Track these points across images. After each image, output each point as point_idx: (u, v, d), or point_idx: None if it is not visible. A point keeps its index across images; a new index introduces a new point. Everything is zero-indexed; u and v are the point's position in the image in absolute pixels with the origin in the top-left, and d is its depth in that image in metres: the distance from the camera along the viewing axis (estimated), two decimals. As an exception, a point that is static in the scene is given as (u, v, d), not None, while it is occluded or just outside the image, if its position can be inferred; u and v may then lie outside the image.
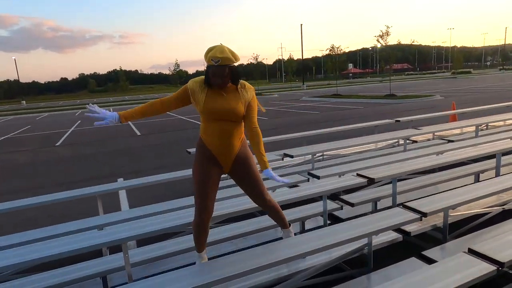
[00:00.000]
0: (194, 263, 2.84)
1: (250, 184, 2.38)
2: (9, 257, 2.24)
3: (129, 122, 17.02)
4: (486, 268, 2.08)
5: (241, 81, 2.27)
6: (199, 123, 2.34)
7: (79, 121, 20.06)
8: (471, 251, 2.26)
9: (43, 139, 13.43)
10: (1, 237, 2.86)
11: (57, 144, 11.93)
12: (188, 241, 2.91)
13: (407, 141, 6.32)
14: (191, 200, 3.38)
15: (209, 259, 2.71)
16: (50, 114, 28.47)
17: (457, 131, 7.27)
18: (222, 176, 2.46)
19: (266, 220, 3.17)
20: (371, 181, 3.34)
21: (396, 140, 6.59)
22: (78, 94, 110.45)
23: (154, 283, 2.01)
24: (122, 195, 5.24)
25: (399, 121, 7.14)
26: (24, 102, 57.64)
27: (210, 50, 2.11)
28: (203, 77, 2.24)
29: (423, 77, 58.34)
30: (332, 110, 16.72)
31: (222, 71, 2.11)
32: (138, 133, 13.28)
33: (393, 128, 8.48)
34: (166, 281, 2.03)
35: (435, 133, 6.64)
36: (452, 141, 5.73)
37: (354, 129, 6.97)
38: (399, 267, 2.61)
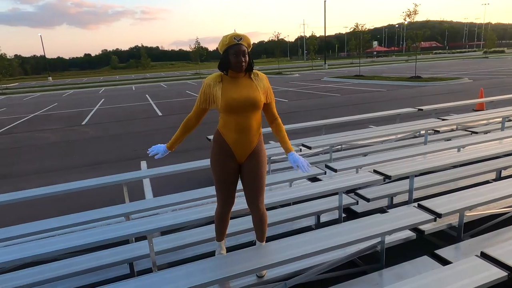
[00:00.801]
0: (213, 251, 3.02)
1: (255, 181, 2.34)
2: (44, 246, 2.45)
3: (152, 103, 17.34)
4: (497, 274, 2.13)
5: (254, 70, 2.30)
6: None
7: (103, 100, 20.57)
8: (484, 255, 2.31)
9: (70, 118, 13.92)
10: (31, 222, 3.09)
11: (83, 123, 12.37)
12: (208, 231, 3.07)
13: (429, 131, 6.22)
14: (212, 190, 3.53)
15: (226, 248, 2.87)
16: (75, 92, 29.27)
17: (483, 121, 7.08)
18: None
19: (282, 213, 3.28)
20: (387, 178, 3.38)
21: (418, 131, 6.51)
22: (101, 70, 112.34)
23: (176, 275, 2.17)
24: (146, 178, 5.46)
25: (422, 109, 7.01)
26: (50, 78, 59.36)
27: (227, 35, 2.18)
28: (215, 73, 2.28)
29: (452, 56, 55.92)
30: (353, 93, 16.44)
31: (244, 50, 2.16)
32: (160, 114, 13.55)
33: (416, 116, 8.34)
34: (190, 272, 2.19)
35: (460, 124, 6.49)
36: (476, 133, 5.63)
37: (374, 117, 6.90)
38: (411, 265, 2.68)
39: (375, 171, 3.52)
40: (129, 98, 20.82)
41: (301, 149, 4.78)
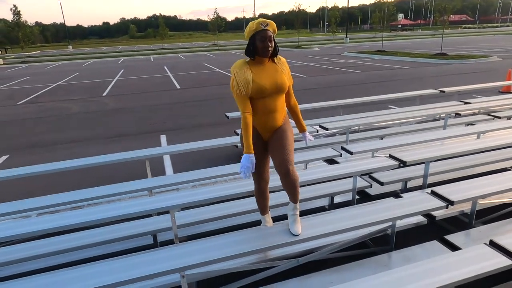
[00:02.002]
0: (230, 227, 3.21)
1: (281, 142, 2.37)
2: (71, 217, 2.67)
3: (170, 75, 17.43)
4: (503, 262, 2.22)
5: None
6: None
7: (122, 70, 20.79)
8: (492, 243, 2.39)
9: (90, 89, 14.22)
10: (62, 193, 3.29)
11: (103, 95, 12.64)
12: (225, 208, 3.24)
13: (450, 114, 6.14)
14: (228, 168, 3.66)
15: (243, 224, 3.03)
16: (95, 61, 29.59)
17: (508, 105, 6.90)
18: None
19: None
20: (403, 164, 3.43)
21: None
22: (119, 39, 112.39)
23: (195, 249, 2.34)
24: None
25: (443, 91, 6.88)
26: (70, 46, 59.82)
27: (254, 21, 2.24)
28: (239, 61, 2.32)
29: (482, 31, 53.15)
30: (374, 69, 16.09)
31: (270, 36, 2.24)
32: (178, 87, 13.67)
33: (438, 97, 8.20)
34: (207, 248, 2.36)
35: (482, 108, 6.38)
36: (499, 117, 5.53)
37: (394, 98, 6.83)
38: (420, 249, 2.79)
39: (391, 156, 3.57)
40: (147, 69, 20.97)
41: (318, 130, 4.84)
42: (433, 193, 2.90)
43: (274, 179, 3.18)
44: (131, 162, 5.34)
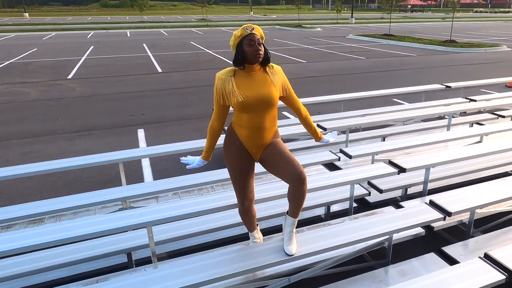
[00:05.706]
0: (216, 241, 3.38)
1: (285, 156, 2.45)
2: (29, 236, 2.68)
3: (150, 55, 17.33)
4: (496, 276, 2.44)
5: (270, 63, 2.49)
6: (229, 61, 2.52)
7: (92, 47, 20.57)
8: (487, 257, 2.62)
9: (53, 69, 14.06)
10: (17, 205, 3.24)
11: (69, 77, 12.54)
12: (212, 221, 3.37)
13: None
14: (216, 174, 3.75)
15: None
16: (58, 34, 29.15)
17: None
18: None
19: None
20: (402, 171, 3.71)
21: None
22: (88, 7, 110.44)
23: (175, 272, 2.43)
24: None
25: (449, 87, 7.41)
26: (26, 14, 58.37)
27: (237, 30, 2.38)
28: (228, 68, 2.44)
29: (493, 17, 54.95)
30: (380, 56, 16.63)
31: (258, 38, 2.35)
32: (160, 70, 13.65)
33: (444, 91, 8.77)
34: (193, 268, 2.46)
35: (487, 106, 6.76)
36: (503, 117, 5.95)
37: (398, 93, 7.44)
38: (418, 262, 3.07)
39: (390, 162, 3.85)
40: (123, 46, 20.83)
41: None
42: (431, 203, 3.12)
43: (263, 190, 3.33)
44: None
